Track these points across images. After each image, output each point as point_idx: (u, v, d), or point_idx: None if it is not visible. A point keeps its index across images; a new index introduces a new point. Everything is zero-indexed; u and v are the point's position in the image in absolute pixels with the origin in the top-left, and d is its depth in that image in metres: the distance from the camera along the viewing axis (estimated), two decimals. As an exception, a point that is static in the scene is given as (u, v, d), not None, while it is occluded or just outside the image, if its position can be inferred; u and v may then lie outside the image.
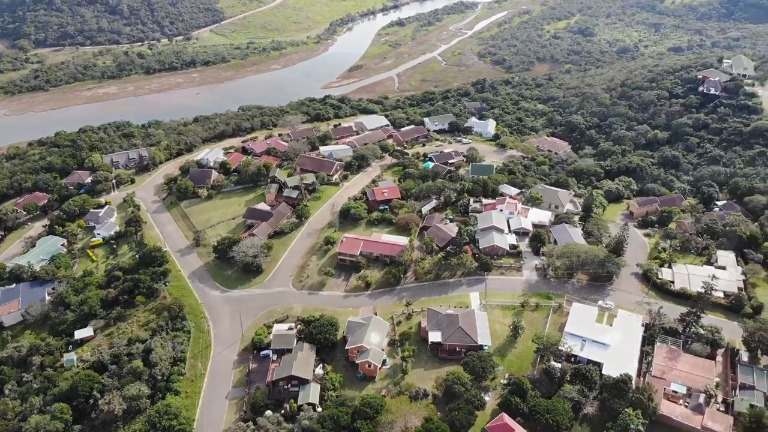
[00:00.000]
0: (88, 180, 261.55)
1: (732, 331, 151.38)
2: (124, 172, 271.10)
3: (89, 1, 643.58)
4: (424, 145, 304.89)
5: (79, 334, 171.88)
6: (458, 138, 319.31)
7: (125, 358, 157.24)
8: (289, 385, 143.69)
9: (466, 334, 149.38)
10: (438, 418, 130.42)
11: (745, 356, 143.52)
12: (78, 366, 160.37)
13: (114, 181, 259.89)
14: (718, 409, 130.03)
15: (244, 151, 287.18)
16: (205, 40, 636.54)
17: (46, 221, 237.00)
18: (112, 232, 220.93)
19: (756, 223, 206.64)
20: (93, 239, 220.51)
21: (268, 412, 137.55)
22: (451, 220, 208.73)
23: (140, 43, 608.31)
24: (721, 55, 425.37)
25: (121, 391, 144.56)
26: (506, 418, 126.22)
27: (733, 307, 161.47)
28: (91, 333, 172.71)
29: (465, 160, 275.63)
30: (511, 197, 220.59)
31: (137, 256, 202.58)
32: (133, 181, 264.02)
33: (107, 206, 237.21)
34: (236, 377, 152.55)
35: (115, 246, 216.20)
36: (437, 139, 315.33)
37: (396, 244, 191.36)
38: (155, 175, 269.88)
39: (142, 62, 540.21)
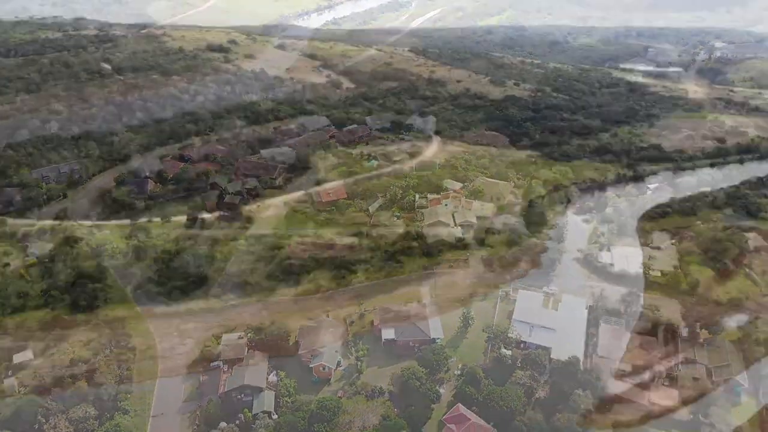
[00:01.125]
0: (17, 198, 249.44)
1: (671, 308, 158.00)
2: (55, 186, 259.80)
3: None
4: (367, 144, 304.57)
5: (17, 358, 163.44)
6: (400, 135, 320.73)
7: (68, 380, 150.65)
8: (243, 395, 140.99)
9: (419, 329, 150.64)
10: (395, 414, 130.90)
11: (684, 331, 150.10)
12: (19, 391, 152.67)
13: (45, 197, 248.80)
14: (663, 384, 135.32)
15: (181, 158, 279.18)
16: (134, 46, 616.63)
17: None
18: (47, 251, 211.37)
19: (688, 204, 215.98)
20: (27, 259, 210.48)
21: (223, 424, 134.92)
22: (398, 218, 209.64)
23: (66, 52, 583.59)
24: (647, 44, 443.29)
25: (67, 414, 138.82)
26: (462, 409, 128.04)
27: (670, 285, 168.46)
28: (31, 356, 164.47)
29: (408, 157, 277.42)
30: (455, 191, 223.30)
31: (74, 273, 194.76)
32: (65, 196, 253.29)
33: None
34: (187, 391, 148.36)
35: (50, 265, 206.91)
36: (380, 138, 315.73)
37: (345, 244, 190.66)
38: (88, 188, 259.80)
39: (68, 72, 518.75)
